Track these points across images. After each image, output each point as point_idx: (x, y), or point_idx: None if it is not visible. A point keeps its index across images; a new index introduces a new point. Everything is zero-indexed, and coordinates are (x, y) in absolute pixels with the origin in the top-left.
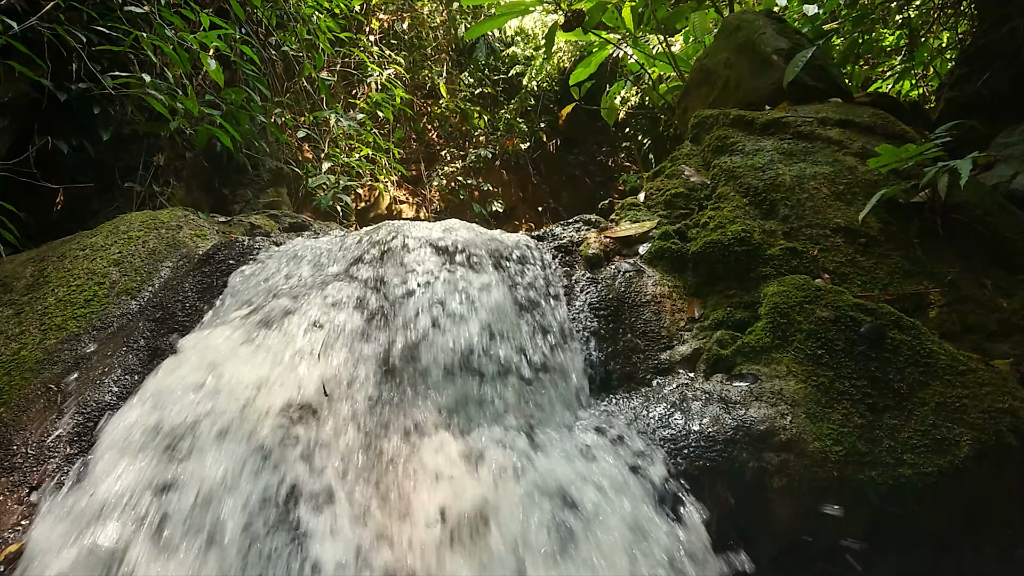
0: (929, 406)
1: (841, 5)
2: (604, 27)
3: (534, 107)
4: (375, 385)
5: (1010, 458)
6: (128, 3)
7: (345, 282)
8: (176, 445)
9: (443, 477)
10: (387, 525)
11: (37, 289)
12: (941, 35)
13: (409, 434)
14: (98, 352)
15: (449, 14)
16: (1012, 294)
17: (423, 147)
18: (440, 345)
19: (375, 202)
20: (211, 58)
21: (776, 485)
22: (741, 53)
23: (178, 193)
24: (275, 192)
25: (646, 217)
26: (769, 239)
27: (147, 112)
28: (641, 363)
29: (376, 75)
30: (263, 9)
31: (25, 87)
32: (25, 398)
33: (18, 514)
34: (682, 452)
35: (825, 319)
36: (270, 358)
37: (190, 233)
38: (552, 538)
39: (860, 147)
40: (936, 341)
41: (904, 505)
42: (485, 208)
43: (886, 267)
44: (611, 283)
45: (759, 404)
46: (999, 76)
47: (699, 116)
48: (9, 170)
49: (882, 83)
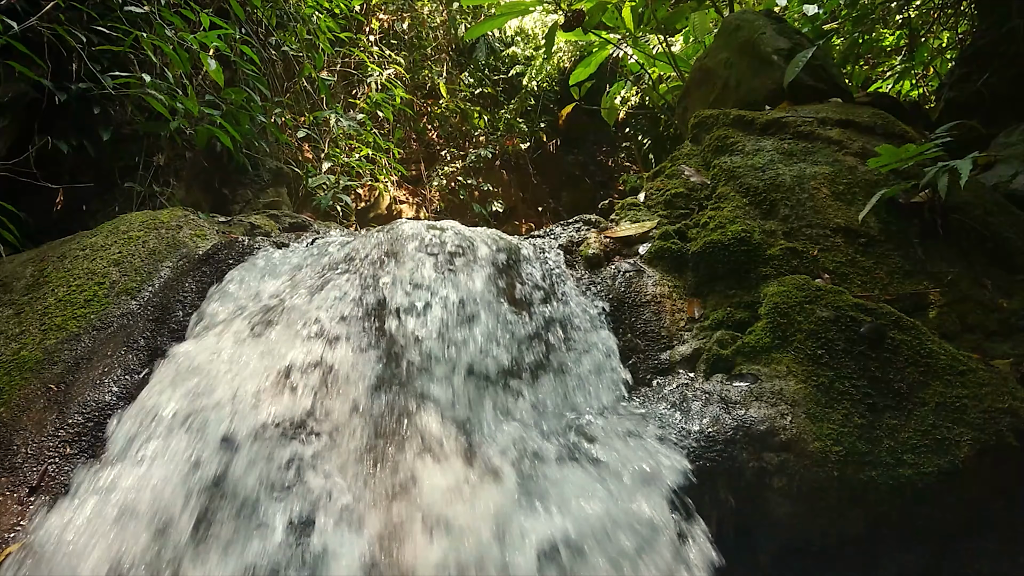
0: (929, 406)
1: (841, 5)
2: (604, 27)
3: (534, 107)
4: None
5: (1010, 458)
6: (128, 3)
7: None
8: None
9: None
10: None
11: (37, 289)
12: (941, 35)
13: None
14: (98, 352)
15: (449, 14)
16: (1012, 294)
17: (423, 147)
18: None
19: (375, 202)
20: (211, 58)
21: (776, 485)
22: (741, 53)
23: (178, 193)
24: (275, 192)
25: (646, 217)
26: (769, 239)
27: (147, 112)
28: (641, 363)
29: (376, 75)
30: (263, 9)
31: (25, 87)
32: (25, 398)
33: (18, 514)
34: (681, 452)
35: (825, 319)
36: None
37: (190, 233)
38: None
39: (860, 147)
40: (936, 341)
41: (904, 505)
42: (485, 208)
43: (886, 267)
44: (611, 283)
45: (759, 404)
46: (999, 76)
47: (699, 116)
48: (9, 170)
49: (882, 83)
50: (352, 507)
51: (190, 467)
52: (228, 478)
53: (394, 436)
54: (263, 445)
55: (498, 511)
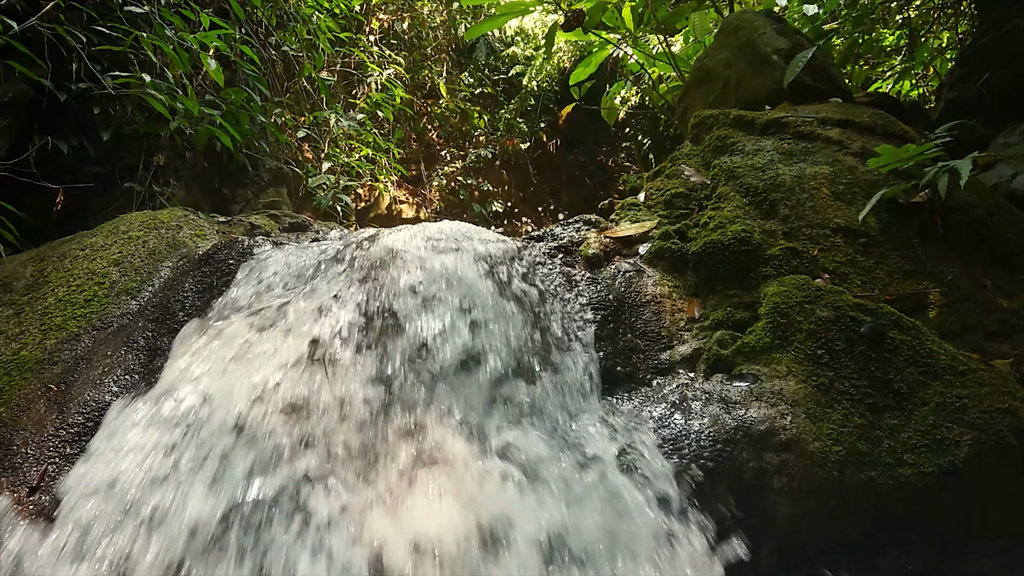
0: (929, 406)
1: (841, 5)
2: (604, 27)
3: (534, 107)
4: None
5: (1010, 458)
6: (128, 3)
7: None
8: None
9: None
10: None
11: (37, 289)
12: (941, 35)
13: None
14: (98, 352)
15: (449, 14)
16: (1012, 294)
17: (423, 147)
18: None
19: (375, 202)
20: (211, 58)
21: (776, 485)
22: (741, 53)
23: (178, 193)
24: (275, 192)
25: (646, 217)
26: (769, 239)
27: (147, 112)
28: (641, 363)
29: (376, 75)
30: (263, 9)
31: (25, 87)
32: (25, 398)
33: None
34: (681, 452)
35: (825, 319)
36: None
37: (190, 233)
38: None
39: (860, 147)
40: (936, 341)
41: (904, 505)
42: (485, 208)
43: (886, 267)
44: (611, 283)
45: (759, 404)
46: (999, 76)
47: (699, 116)
48: (9, 170)
49: (882, 83)
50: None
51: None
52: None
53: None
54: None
55: None
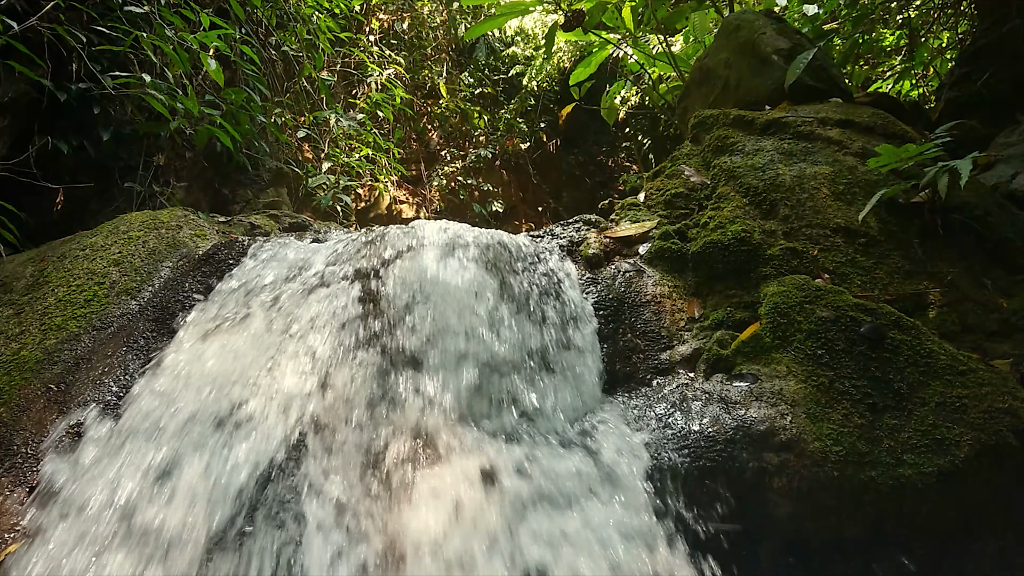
0: (929, 406)
1: (841, 5)
2: (604, 27)
3: (534, 107)
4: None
5: (1010, 458)
6: (128, 3)
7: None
8: None
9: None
10: None
11: (37, 289)
12: (941, 35)
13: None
14: (98, 352)
15: (449, 14)
16: (1012, 294)
17: (423, 147)
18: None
19: (375, 202)
20: (211, 58)
21: (776, 485)
22: (741, 53)
23: (178, 193)
24: (275, 192)
25: (646, 217)
26: (769, 239)
27: (147, 112)
28: (641, 363)
29: (376, 75)
30: (263, 9)
31: (25, 87)
32: (25, 398)
33: (18, 514)
34: (682, 452)
35: (825, 319)
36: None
37: (190, 233)
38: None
39: (860, 147)
40: (936, 341)
41: (904, 505)
42: (485, 208)
43: (886, 267)
44: (611, 283)
45: (759, 404)
46: (999, 76)
47: (699, 116)
48: (9, 170)
49: (882, 83)
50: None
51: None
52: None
53: None
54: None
55: None
